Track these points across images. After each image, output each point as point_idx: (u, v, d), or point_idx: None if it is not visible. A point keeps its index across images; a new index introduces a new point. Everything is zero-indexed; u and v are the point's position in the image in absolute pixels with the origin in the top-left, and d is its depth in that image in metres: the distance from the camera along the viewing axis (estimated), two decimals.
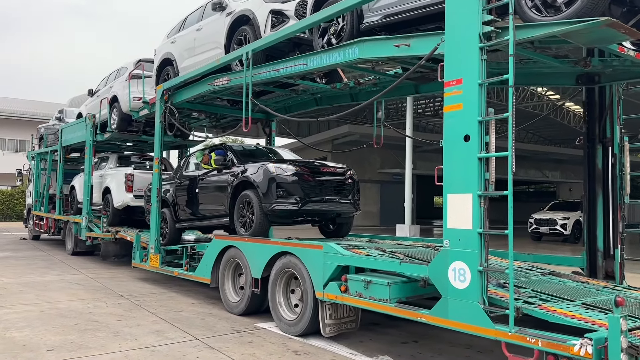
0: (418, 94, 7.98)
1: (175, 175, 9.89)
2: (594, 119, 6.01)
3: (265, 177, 7.28)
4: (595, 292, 5.04)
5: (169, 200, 9.59)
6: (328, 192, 7.64)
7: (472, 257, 4.35)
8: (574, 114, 31.97)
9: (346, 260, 5.69)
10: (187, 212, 9.14)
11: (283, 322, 6.35)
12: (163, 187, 9.68)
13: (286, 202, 7.19)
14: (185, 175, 9.42)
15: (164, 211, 9.65)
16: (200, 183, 8.78)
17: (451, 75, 4.61)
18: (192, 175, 9.16)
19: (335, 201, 7.73)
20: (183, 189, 9.25)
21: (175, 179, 9.63)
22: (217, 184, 8.33)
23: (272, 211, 7.19)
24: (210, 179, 8.56)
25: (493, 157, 4.35)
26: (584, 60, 5.27)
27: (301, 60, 6.50)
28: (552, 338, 3.83)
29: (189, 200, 9.05)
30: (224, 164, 8.24)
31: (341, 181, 7.86)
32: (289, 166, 7.42)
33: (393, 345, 5.96)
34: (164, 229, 9.64)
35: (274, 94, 9.39)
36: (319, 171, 7.68)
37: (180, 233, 9.75)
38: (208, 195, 8.59)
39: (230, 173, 8.02)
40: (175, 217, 9.46)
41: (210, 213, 8.58)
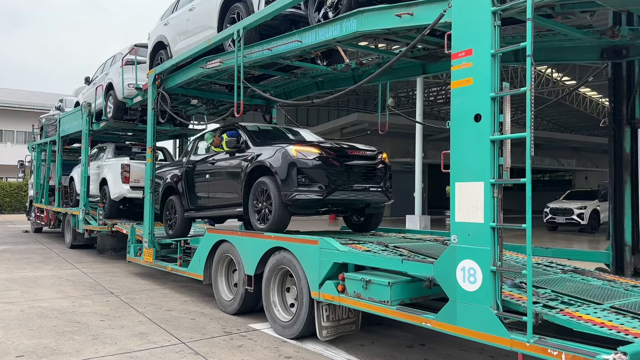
0: (426, 74, 7.36)
1: (184, 159, 8.85)
2: (620, 97, 5.38)
3: (284, 161, 6.30)
4: (624, 293, 4.44)
5: (177, 187, 8.62)
6: (357, 179, 6.64)
7: (483, 254, 3.78)
8: (590, 100, 31.03)
9: (343, 256, 5.14)
10: (197, 200, 8.20)
11: (277, 323, 5.84)
12: (171, 172, 8.84)
13: (309, 190, 6.22)
14: (194, 159, 8.43)
15: (172, 199, 8.79)
16: (210, 168, 7.84)
17: (460, 45, 4.02)
18: (202, 159, 8.19)
19: (365, 189, 6.70)
20: (192, 174, 8.29)
21: (184, 164, 8.61)
22: (229, 170, 7.36)
23: (292, 201, 6.22)
24: (222, 163, 7.59)
25: (508, 140, 3.76)
26: (611, 30, 4.65)
27: (295, 37, 5.94)
28: (578, 351, 3.26)
29: (198, 187, 8.13)
30: (236, 146, 7.22)
31: (372, 166, 6.83)
32: (312, 149, 6.39)
33: (397, 349, 5.42)
34: (172, 218, 8.81)
35: (273, 78, 8.85)
36: (347, 154, 6.62)
37: (190, 223, 8.85)
38: (219, 181, 7.65)
39: (243, 157, 7.05)
40: (184, 205, 8.52)
41: (221, 202, 7.63)
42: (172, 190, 8.80)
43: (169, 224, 8.90)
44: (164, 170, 9.25)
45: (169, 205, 8.88)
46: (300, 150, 6.33)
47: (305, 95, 9.21)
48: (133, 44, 11.47)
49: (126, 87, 10.86)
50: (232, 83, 8.72)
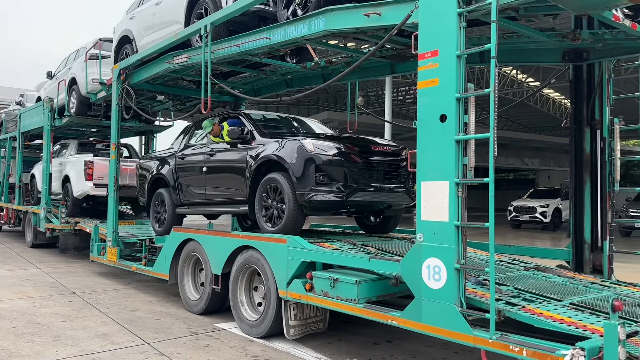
0: (394, 73, 7.43)
1: (175, 148, 8.03)
2: (581, 99, 5.52)
3: (300, 157, 5.63)
4: (583, 290, 4.58)
5: (168, 179, 7.81)
6: (379, 178, 6.01)
7: (448, 252, 3.84)
8: (553, 101, 31.84)
9: (311, 255, 5.14)
10: (191, 195, 7.42)
11: (245, 322, 5.80)
12: (160, 162, 8.09)
13: (328, 190, 5.56)
14: (189, 149, 7.67)
15: (161, 192, 7.99)
16: (208, 160, 7.06)
17: (426, 46, 4.06)
18: (198, 149, 7.43)
19: (389, 189, 6.09)
20: (187, 166, 7.51)
21: (176, 154, 7.81)
22: (232, 163, 6.63)
23: (309, 202, 5.57)
24: (222, 155, 6.83)
25: (472, 140, 3.83)
26: (572, 33, 4.77)
27: (264, 34, 5.90)
28: (538, 347, 3.34)
29: (193, 180, 7.35)
30: (241, 137, 6.46)
31: (395, 163, 6.21)
32: (331, 143, 5.74)
33: (364, 346, 5.46)
34: (161, 213, 8.03)
35: (241, 75, 8.78)
36: (369, 150, 6.00)
37: (181, 219, 8.03)
38: (219, 176, 6.92)
39: (249, 149, 6.33)
40: (175, 200, 7.73)
41: (222, 198, 6.91)
42: (161, 182, 8.07)
43: (157, 220, 8.13)
44: (152, 159, 8.51)
45: (157, 198, 8.12)
46: (318, 145, 5.67)
47: (274, 93, 9.17)
48: (97, 38, 11.19)
49: (90, 82, 10.58)
50: (199, 79, 8.59)
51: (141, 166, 8.70)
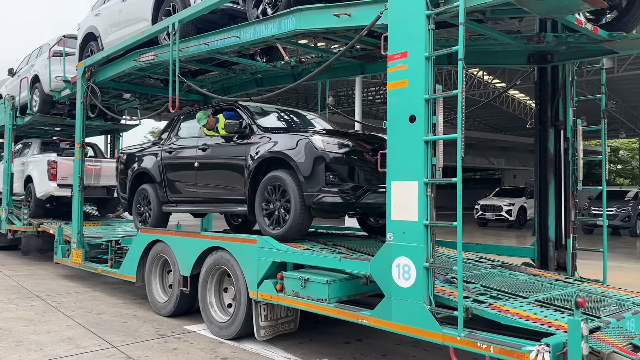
0: (364, 74, 7.46)
1: (163, 141, 7.50)
2: (545, 100, 5.66)
3: (308, 154, 5.21)
4: (548, 287, 4.69)
5: (153, 174, 7.28)
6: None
7: (417, 251, 3.89)
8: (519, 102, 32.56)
9: (282, 255, 5.12)
10: (180, 192, 6.92)
11: (214, 324, 5.73)
12: (145, 155, 7.57)
13: (339, 191, 5.17)
14: (178, 142, 7.16)
15: (145, 188, 7.43)
16: (201, 155, 6.56)
17: (395, 47, 4.10)
18: (188, 143, 6.90)
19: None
20: (175, 161, 6.99)
21: (164, 147, 7.28)
22: (228, 159, 6.18)
23: (317, 203, 5.18)
24: (217, 150, 6.35)
25: (441, 140, 3.88)
26: (537, 36, 4.88)
27: (233, 32, 5.85)
28: (505, 343, 3.41)
29: (183, 176, 6.86)
30: (239, 131, 6.02)
31: None
32: (342, 140, 5.38)
33: (335, 345, 5.47)
34: (145, 211, 7.48)
35: (211, 73, 8.68)
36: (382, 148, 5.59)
37: (167, 217, 7.50)
38: (213, 172, 6.45)
39: (249, 145, 5.89)
40: (161, 196, 7.18)
41: (216, 196, 6.43)
42: (145, 178, 7.53)
43: (140, 218, 7.58)
44: (135, 152, 7.95)
45: (140, 195, 7.55)
46: (328, 142, 5.28)
47: (244, 92, 9.10)
48: (61, 35, 10.91)
49: (53, 79, 10.30)
50: (167, 77, 8.47)
51: (122, 160, 8.12)
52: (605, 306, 4.13)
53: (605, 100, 5.59)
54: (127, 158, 8.02)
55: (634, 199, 19.93)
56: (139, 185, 7.62)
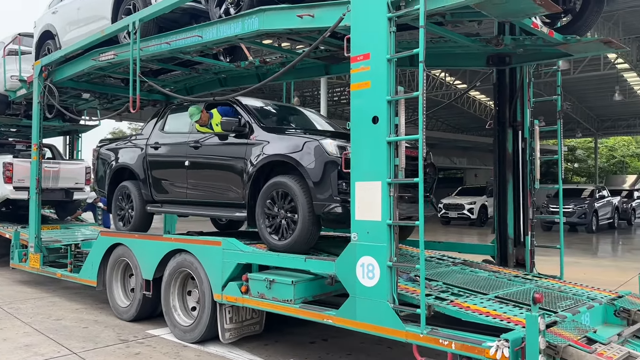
0: (329, 74, 7.49)
1: (146, 134, 6.93)
2: (504, 102, 5.81)
3: (319, 159, 4.77)
4: (507, 283, 4.82)
5: (136, 170, 6.74)
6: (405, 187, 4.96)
7: (381, 251, 3.94)
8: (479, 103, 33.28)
9: (247, 257, 5.10)
10: (167, 192, 6.42)
11: (178, 328, 5.65)
12: (126, 150, 7.03)
13: None
14: (165, 137, 6.61)
15: (126, 186, 6.87)
16: (192, 153, 6.06)
17: (358, 49, 4.15)
18: (178, 139, 6.38)
19: (414, 200, 5.06)
20: (163, 158, 6.50)
21: (149, 142, 6.74)
22: (225, 160, 5.72)
23: (329, 214, 4.73)
24: (212, 149, 5.89)
25: (403, 141, 3.94)
26: (495, 39, 5.01)
27: (195, 32, 5.78)
28: (466, 340, 3.50)
29: (171, 175, 6.37)
30: (237, 130, 5.56)
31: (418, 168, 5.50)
32: None
33: (300, 346, 5.48)
34: (126, 210, 6.91)
35: (173, 73, 8.54)
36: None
37: (151, 218, 6.96)
38: (206, 173, 5.99)
39: (249, 145, 5.45)
40: (145, 195, 6.66)
41: (209, 199, 5.97)
42: (126, 173, 7.01)
43: (120, 218, 7.01)
44: (115, 145, 7.41)
45: (121, 193, 6.99)
46: (341, 146, 4.79)
47: (208, 92, 8.99)
48: (17, 33, 10.55)
49: (8, 78, 9.96)
50: (128, 77, 8.31)
51: (100, 153, 7.54)
52: (561, 301, 4.28)
53: (561, 101, 5.78)
54: (105, 151, 7.46)
55: (590, 196, 20.66)
56: (119, 181, 7.06)
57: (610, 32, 18.31)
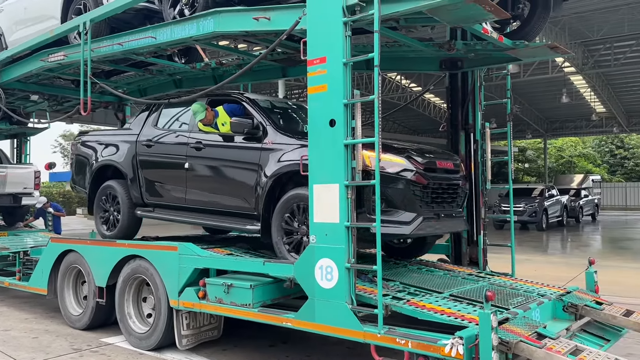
0: (286, 77, 7.51)
1: (136, 130, 6.29)
2: (456, 105, 5.96)
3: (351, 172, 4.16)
4: (461, 281, 4.95)
5: (124, 169, 6.10)
6: (441, 202, 4.79)
7: (339, 253, 3.98)
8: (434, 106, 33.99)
9: (204, 262, 5.04)
10: (162, 195, 5.84)
11: (133, 335, 5.52)
12: (112, 146, 6.41)
13: (389, 220, 4.31)
14: (161, 135, 5.98)
15: (111, 186, 6.22)
16: (194, 155, 5.48)
17: (314, 53, 4.17)
18: (176, 137, 5.81)
19: (449, 215, 4.90)
20: (157, 158, 5.90)
21: (140, 138, 6.14)
22: (234, 165, 5.17)
23: (363, 234, 4.19)
24: (217, 152, 5.34)
25: (360, 144, 3.99)
26: (448, 44, 5.14)
27: (149, 33, 5.68)
28: (422, 338, 3.57)
29: (168, 177, 5.79)
30: (250, 132, 4.99)
31: (456, 182, 5.00)
32: (394, 157, 4.47)
33: (260, 350, 5.45)
34: (111, 213, 6.28)
35: (126, 74, 8.34)
36: (435, 167, 4.76)
37: (140, 223, 6.30)
38: (211, 178, 5.43)
39: (264, 150, 4.91)
40: (134, 197, 6.04)
41: (213, 206, 5.40)
42: (111, 172, 6.38)
43: (104, 220, 6.34)
44: (98, 139, 6.74)
45: (105, 193, 6.33)
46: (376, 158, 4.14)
47: (163, 93, 8.82)
48: None
49: None
50: (78, 78, 8.07)
51: (79, 150, 6.87)
52: (513, 298, 4.42)
53: (511, 104, 5.98)
54: (86, 146, 6.78)
55: (540, 195, 21.40)
56: (102, 180, 6.41)
57: (558, 37, 19.09)
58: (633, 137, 47.19)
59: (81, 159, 6.83)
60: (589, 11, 17.03)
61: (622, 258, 12.66)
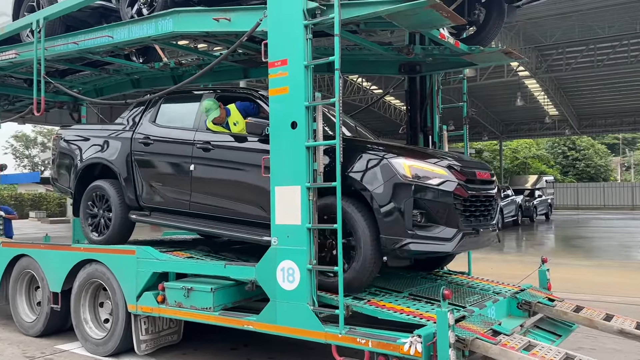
0: (247, 78, 7.46)
1: (129, 125, 5.82)
2: (415, 108, 6.08)
3: (389, 183, 4.01)
4: (420, 281, 5.05)
5: (117, 168, 5.61)
6: (479, 215, 4.51)
7: (301, 254, 4.00)
8: (395, 108, 34.47)
9: (163, 265, 4.97)
10: (162, 198, 5.37)
11: (90, 341, 5.39)
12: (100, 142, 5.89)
13: (429, 237, 4.03)
14: (160, 132, 5.50)
15: (101, 186, 5.70)
16: (201, 156, 5.03)
17: (276, 55, 4.18)
18: (179, 135, 5.32)
19: (486, 229, 4.65)
20: (157, 157, 5.43)
21: (136, 134, 5.64)
22: (250, 168, 4.71)
23: (400, 251, 3.99)
24: (229, 154, 4.93)
25: (321, 146, 4.02)
26: (406, 48, 5.23)
27: (106, 32, 5.55)
28: (382, 337, 3.64)
29: (169, 179, 5.34)
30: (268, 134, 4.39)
31: (492, 194, 4.72)
32: (435, 168, 4.18)
33: (221, 353, 5.41)
34: (101, 216, 5.72)
35: (81, 73, 8.12)
36: (475, 177, 4.48)
37: (132, 227, 5.81)
38: (221, 182, 4.98)
39: None
40: (129, 199, 5.55)
41: (223, 213, 4.97)
42: (100, 170, 5.88)
43: (92, 225, 5.77)
44: (83, 135, 6.16)
45: (94, 194, 5.78)
46: (418, 168, 4.08)
47: (120, 93, 8.63)
48: None
49: None
50: (31, 77, 7.81)
51: (62, 146, 6.28)
52: (470, 296, 4.55)
53: (467, 108, 6.14)
54: (70, 141, 6.22)
55: None
56: (90, 179, 5.90)
57: (513, 42, 19.70)
58: (584, 139, 49.22)
59: (65, 156, 6.27)
60: (541, 17, 17.64)
61: (574, 256, 13.17)
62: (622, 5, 16.82)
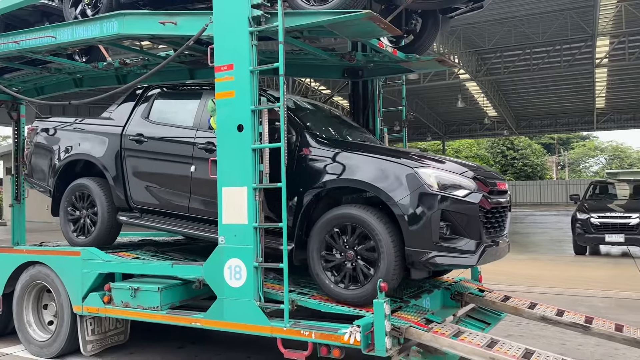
0: (193, 79, 7.48)
1: (119, 121, 5.50)
2: (358, 111, 6.34)
3: (414, 194, 3.87)
4: None
5: (105, 165, 5.31)
6: (497, 227, 4.39)
7: (248, 252, 4.16)
8: (343, 109, 35.01)
9: (109, 266, 4.99)
10: (157, 200, 5.10)
11: (33, 344, 5.34)
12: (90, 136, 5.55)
13: (455, 249, 3.90)
14: (154, 129, 5.22)
15: (85, 185, 5.39)
16: (204, 157, 4.73)
17: (222, 60, 4.32)
18: (178, 134, 5.07)
19: (503, 241, 4.57)
20: (152, 156, 5.14)
21: (127, 131, 5.34)
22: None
23: (427, 264, 3.89)
24: None
25: (267, 148, 4.19)
26: (349, 54, 5.46)
27: (49, 32, 5.47)
28: (324, 329, 3.86)
29: (166, 180, 5.05)
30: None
31: (507, 204, 4.65)
32: (460, 177, 4.07)
33: (168, 351, 5.48)
34: (85, 218, 5.42)
35: (20, 72, 7.90)
36: (496, 188, 4.38)
37: (119, 229, 5.55)
38: None
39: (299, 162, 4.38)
40: (117, 200, 5.26)
41: None
42: (83, 167, 5.60)
43: (74, 226, 5.48)
44: (65, 128, 5.84)
45: (77, 193, 5.46)
46: (445, 178, 3.98)
47: (61, 92, 8.44)
48: None
49: None
50: None
51: (39, 139, 5.91)
52: (407, 289, 4.83)
53: (406, 111, 6.47)
54: (49, 134, 5.85)
55: None
56: (72, 177, 5.59)
57: (454, 46, 20.49)
58: (522, 140, 51.60)
59: (42, 150, 5.89)
60: (480, 22, 18.46)
61: None
62: (552, 14, 17.89)
